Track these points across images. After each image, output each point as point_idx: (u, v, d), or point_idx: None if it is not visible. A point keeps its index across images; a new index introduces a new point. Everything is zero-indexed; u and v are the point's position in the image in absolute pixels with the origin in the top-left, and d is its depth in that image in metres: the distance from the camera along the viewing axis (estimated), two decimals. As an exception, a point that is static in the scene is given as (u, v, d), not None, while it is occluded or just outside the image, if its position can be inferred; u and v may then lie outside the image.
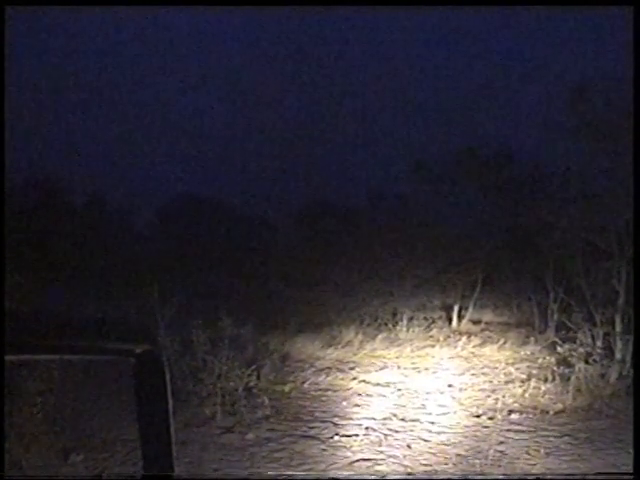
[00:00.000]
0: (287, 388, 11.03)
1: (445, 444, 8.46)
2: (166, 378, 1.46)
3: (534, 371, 11.86)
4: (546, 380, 11.05)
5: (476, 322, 16.80)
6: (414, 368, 12.52)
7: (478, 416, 9.61)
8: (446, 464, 7.78)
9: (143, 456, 1.50)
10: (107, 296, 15.00)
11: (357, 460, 7.90)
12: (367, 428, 9.00)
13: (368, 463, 7.82)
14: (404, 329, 15.55)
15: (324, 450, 8.24)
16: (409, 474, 7.56)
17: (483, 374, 12.02)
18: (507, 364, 12.60)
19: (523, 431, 8.94)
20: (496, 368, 12.40)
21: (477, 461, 7.78)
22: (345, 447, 8.32)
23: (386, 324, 15.92)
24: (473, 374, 12.04)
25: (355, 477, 7.57)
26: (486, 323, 16.72)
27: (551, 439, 8.61)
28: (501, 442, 8.47)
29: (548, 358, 12.43)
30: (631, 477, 5.48)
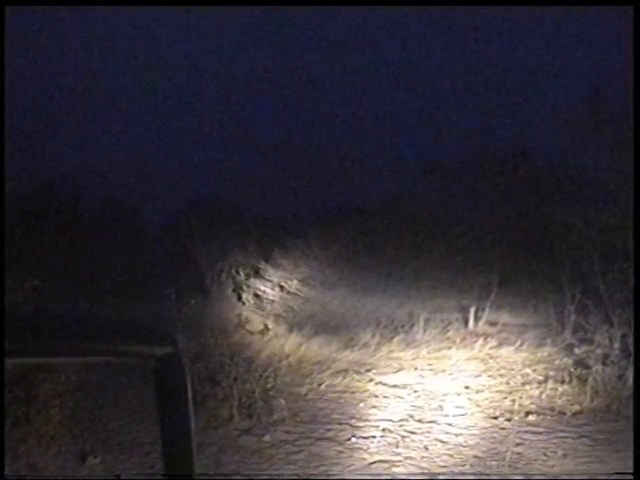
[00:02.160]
0: (304, 390, 11.03)
1: (462, 446, 8.44)
2: (187, 380, 1.48)
3: (551, 372, 11.77)
4: (563, 382, 10.98)
5: (493, 323, 16.69)
6: (431, 370, 12.48)
7: (495, 418, 9.57)
8: (463, 465, 7.77)
9: (164, 456, 1.52)
10: (125, 299, 15.06)
11: (374, 462, 7.90)
12: (384, 430, 9.00)
13: (385, 465, 7.82)
14: (420, 331, 15.47)
15: (341, 452, 8.25)
16: (426, 475, 7.55)
17: (500, 375, 11.96)
18: (524, 365, 12.52)
19: (540, 433, 8.90)
20: (513, 369, 12.32)
21: (494, 463, 7.76)
22: (362, 449, 8.32)
23: (402, 326, 15.87)
24: (490, 375, 11.98)
25: (372, 479, 7.57)
26: (503, 324, 16.60)
27: (569, 441, 8.57)
28: (518, 444, 8.44)
29: (565, 359, 12.35)
30: (631, 477, 5.46)
